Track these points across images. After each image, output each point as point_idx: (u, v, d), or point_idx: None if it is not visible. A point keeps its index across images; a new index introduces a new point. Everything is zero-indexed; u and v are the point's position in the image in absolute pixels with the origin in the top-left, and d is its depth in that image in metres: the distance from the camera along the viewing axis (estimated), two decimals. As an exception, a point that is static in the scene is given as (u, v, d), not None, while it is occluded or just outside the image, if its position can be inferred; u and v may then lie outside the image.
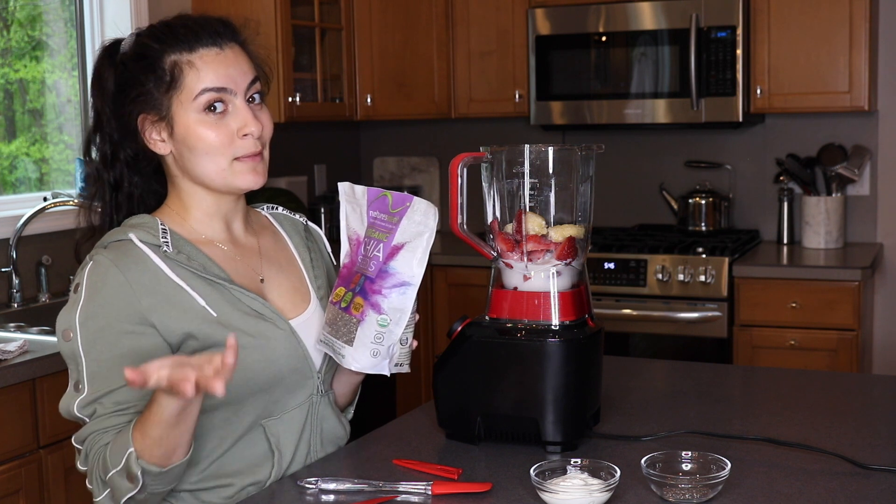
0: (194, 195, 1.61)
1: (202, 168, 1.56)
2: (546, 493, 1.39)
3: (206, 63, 1.53)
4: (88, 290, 1.50)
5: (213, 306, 1.53)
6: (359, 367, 1.57)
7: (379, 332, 1.55)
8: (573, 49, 3.99)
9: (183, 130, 1.54)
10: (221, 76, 1.54)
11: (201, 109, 1.53)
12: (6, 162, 3.33)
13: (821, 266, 3.65)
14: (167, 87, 1.53)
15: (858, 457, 1.56)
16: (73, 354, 1.50)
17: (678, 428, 1.73)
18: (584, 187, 1.67)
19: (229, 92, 1.55)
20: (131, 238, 1.53)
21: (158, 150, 1.57)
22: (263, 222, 1.74)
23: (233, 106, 1.55)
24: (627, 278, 3.74)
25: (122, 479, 1.43)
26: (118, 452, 1.43)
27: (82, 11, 3.49)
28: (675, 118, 3.88)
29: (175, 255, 1.53)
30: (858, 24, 3.70)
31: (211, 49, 1.55)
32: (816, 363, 3.53)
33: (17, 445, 2.37)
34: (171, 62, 1.53)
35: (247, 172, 1.57)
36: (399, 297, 1.55)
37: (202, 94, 1.53)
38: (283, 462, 1.60)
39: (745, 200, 4.24)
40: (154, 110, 1.55)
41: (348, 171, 4.75)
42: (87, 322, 1.49)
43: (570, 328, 1.63)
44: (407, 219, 1.56)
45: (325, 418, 1.67)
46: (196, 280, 1.53)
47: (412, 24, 4.27)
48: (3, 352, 2.39)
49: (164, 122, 1.55)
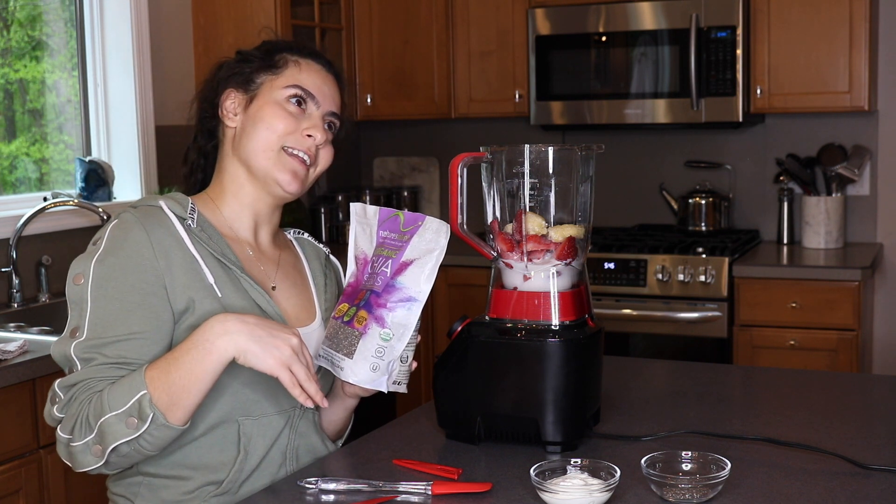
0: (236, 179, 1.66)
1: (253, 142, 1.63)
2: (546, 493, 1.39)
3: (310, 69, 1.68)
4: (109, 241, 1.54)
5: (220, 287, 1.56)
6: (356, 381, 1.56)
7: (381, 347, 1.55)
8: (573, 49, 3.99)
9: (259, 105, 1.64)
10: (317, 85, 1.67)
11: (285, 97, 1.64)
12: (6, 162, 3.33)
13: (821, 266, 3.65)
14: (267, 68, 1.66)
15: (858, 457, 1.56)
16: (79, 299, 1.51)
17: (678, 428, 1.73)
18: (584, 187, 1.67)
19: (315, 101, 1.66)
20: (161, 205, 1.59)
21: (229, 121, 1.66)
22: (287, 243, 1.79)
23: (310, 112, 1.66)
24: (627, 278, 3.74)
25: (121, 422, 1.42)
26: (122, 395, 1.43)
27: (82, 11, 3.49)
28: (675, 118, 3.88)
29: (198, 231, 1.58)
30: (858, 24, 3.70)
31: (318, 63, 1.70)
32: (816, 363, 3.54)
33: (17, 445, 2.37)
34: (282, 56, 1.67)
35: (288, 170, 1.63)
36: (404, 312, 1.55)
37: (294, 87, 1.64)
38: (245, 465, 1.57)
39: (745, 200, 4.24)
40: (243, 87, 1.66)
41: (348, 172, 4.75)
42: (101, 269, 1.51)
43: (570, 328, 1.63)
44: (418, 236, 1.57)
45: (304, 436, 1.65)
46: (211, 259, 1.57)
47: (412, 24, 4.27)
48: (3, 352, 2.39)
49: (247, 97, 1.65)
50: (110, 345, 1.48)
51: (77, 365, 1.50)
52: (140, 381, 1.44)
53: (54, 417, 1.50)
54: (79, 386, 1.48)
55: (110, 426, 1.43)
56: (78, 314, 1.51)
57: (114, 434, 1.43)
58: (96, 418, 1.44)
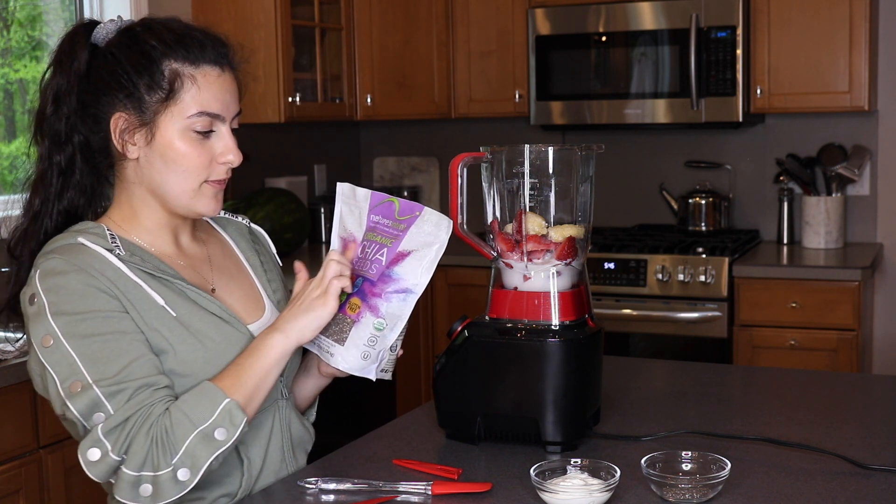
0: (148, 205, 1.53)
1: (170, 184, 1.50)
2: (546, 493, 1.39)
3: (208, 83, 1.48)
4: (49, 293, 1.41)
5: (171, 306, 1.48)
6: (346, 368, 1.55)
7: (373, 336, 1.54)
8: (573, 49, 3.99)
9: (164, 142, 1.48)
10: (219, 101, 1.49)
11: (191, 129, 1.48)
12: (6, 162, 3.33)
13: (821, 266, 3.64)
14: (162, 95, 1.46)
15: (858, 457, 1.56)
16: (59, 357, 1.39)
17: (678, 428, 1.73)
18: (584, 187, 1.67)
19: (220, 118, 1.50)
20: (81, 241, 1.45)
21: (127, 153, 1.49)
22: (207, 228, 1.68)
23: (218, 130, 1.51)
24: (627, 278, 3.74)
25: (209, 436, 1.38)
26: (202, 408, 1.38)
27: (82, 11, 3.49)
28: (675, 118, 3.88)
29: (129, 257, 1.47)
30: (858, 24, 3.70)
31: (214, 68, 1.50)
32: (816, 363, 3.53)
33: (17, 445, 2.37)
34: (171, 70, 1.47)
35: (210, 198, 1.53)
36: (399, 302, 1.54)
37: (198, 115, 1.47)
38: (252, 470, 1.55)
39: (745, 200, 4.24)
40: (136, 113, 1.47)
41: (348, 171, 4.75)
42: (63, 319, 1.40)
43: (570, 328, 1.63)
44: (416, 227, 1.54)
45: (292, 422, 1.64)
46: (152, 280, 1.48)
47: (412, 24, 4.27)
48: (3, 352, 2.39)
49: (145, 128, 1.48)
50: (124, 374, 1.39)
51: (107, 405, 1.38)
52: (214, 392, 1.40)
53: (111, 463, 1.38)
54: (132, 421, 1.38)
55: (200, 442, 1.38)
56: (69, 370, 1.39)
57: (208, 449, 1.38)
58: (181, 442, 1.37)
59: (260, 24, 3.68)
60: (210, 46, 1.50)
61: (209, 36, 1.52)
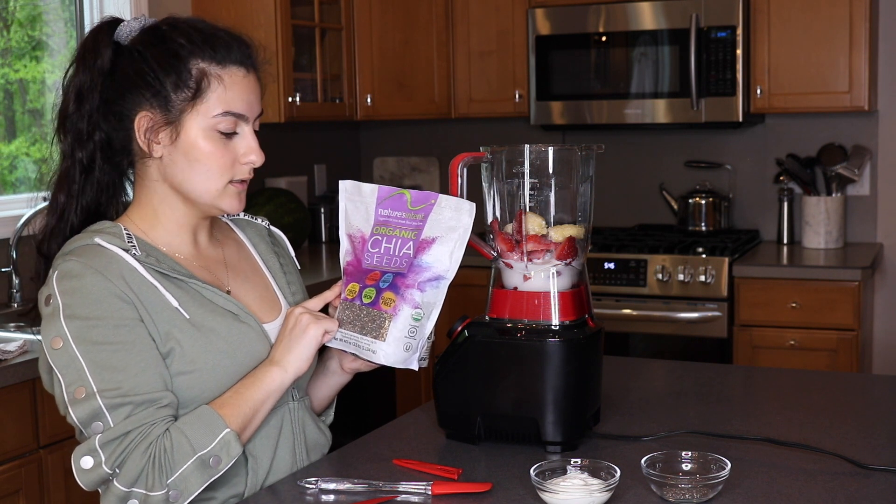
0: (170, 203, 1.54)
1: (195, 183, 1.51)
2: (546, 493, 1.39)
3: (234, 83, 1.49)
4: (65, 295, 1.42)
5: (185, 308, 1.48)
6: (391, 362, 1.55)
7: (413, 327, 1.55)
8: (573, 49, 3.99)
9: (189, 141, 1.48)
10: (244, 102, 1.51)
11: (217, 128, 1.49)
12: (6, 162, 3.33)
13: (821, 266, 3.65)
14: (188, 94, 1.47)
15: (858, 457, 1.56)
16: (68, 361, 1.40)
17: (678, 428, 1.73)
18: (584, 187, 1.67)
19: (244, 119, 1.52)
20: (98, 242, 1.46)
21: (152, 151, 1.50)
22: (225, 229, 1.69)
23: (241, 131, 1.52)
24: (627, 278, 3.74)
25: (205, 465, 1.39)
26: (203, 434, 1.40)
27: (82, 11, 3.49)
28: (675, 118, 3.88)
29: (145, 257, 1.48)
30: (858, 24, 3.70)
31: (240, 69, 1.51)
32: (816, 363, 3.54)
33: (17, 445, 2.37)
34: (199, 70, 1.47)
35: (234, 197, 1.54)
36: (433, 290, 1.57)
37: (223, 115, 1.48)
38: (258, 469, 1.55)
39: (745, 200, 4.24)
40: (162, 112, 1.48)
41: (348, 171, 4.75)
42: (76, 323, 1.40)
43: (570, 328, 1.63)
44: (435, 214, 1.56)
45: (306, 424, 1.64)
46: (167, 282, 1.48)
47: (412, 24, 4.27)
48: (3, 352, 2.39)
49: (170, 127, 1.48)
50: (129, 387, 1.40)
51: (107, 416, 1.39)
52: (215, 419, 1.42)
53: (102, 475, 1.39)
54: (131, 437, 1.38)
55: (197, 468, 1.39)
56: (75, 375, 1.40)
57: (202, 476, 1.40)
58: (178, 463, 1.39)
59: (260, 24, 3.68)
60: (236, 47, 1.51)
61: (234, 37, 1.53)
